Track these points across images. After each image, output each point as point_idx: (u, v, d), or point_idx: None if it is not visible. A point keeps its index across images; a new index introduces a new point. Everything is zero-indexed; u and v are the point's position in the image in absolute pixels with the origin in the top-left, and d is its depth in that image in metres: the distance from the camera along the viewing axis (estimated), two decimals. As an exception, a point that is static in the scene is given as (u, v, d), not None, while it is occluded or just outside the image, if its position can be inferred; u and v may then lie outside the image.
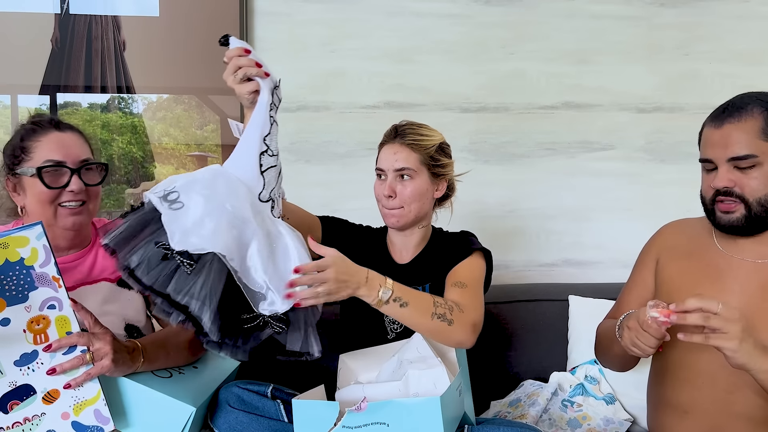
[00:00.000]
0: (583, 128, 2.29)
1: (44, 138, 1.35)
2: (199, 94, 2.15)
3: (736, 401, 1.28)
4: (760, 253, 1.31)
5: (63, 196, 1.34)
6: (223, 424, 1.30)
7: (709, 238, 1.39)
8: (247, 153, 1.27)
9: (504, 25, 2.24)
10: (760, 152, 1.24)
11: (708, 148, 1.30)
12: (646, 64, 2.29)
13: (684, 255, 1.41)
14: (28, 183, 1.33)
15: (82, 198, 1.35)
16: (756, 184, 1.25)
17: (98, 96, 2.12)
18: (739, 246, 1.33)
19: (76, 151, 1.36)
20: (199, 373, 1.40)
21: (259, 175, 1.26)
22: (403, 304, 1.29)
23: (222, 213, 1.19)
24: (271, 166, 1.28)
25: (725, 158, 1.26)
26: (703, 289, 1.33)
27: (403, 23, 2.21)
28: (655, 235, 1.52)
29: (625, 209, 2.29)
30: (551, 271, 2.29)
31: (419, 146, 1.48)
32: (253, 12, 2.16)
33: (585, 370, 1.87)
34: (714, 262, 1.35)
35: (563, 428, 1.72)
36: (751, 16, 2.30)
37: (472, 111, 2.25)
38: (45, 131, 1.36)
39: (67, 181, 1.33)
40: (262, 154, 1.27)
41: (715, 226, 1.35)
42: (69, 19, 2.08)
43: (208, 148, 2.18)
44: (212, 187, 1.22)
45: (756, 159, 1.24)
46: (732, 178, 1.27)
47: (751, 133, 1.24)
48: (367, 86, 2.21)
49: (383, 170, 1.50)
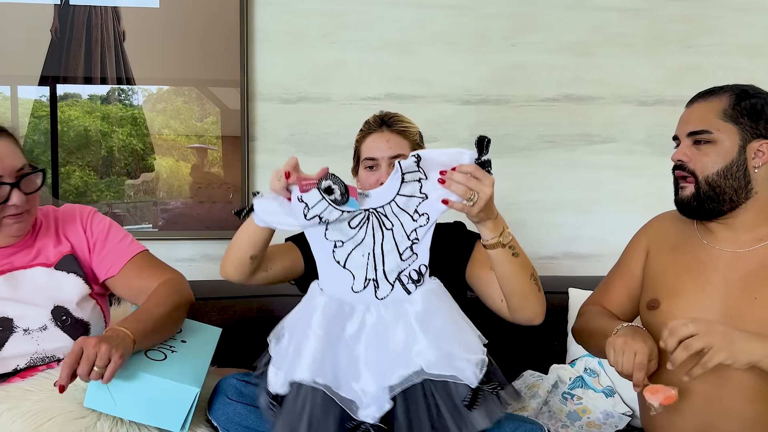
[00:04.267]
0: (584, 121, 2.28)
1: None
2: (200, 86, 2.15)
3: (725, 396, 1.28)
4: (736, 241, 1.32)
5: (5, 210, 1.31)
6: (222, 415, 1.30)
7: (692, 230, 1.40)
8: (321, 261, 1.24)
9: (505, 16, 2.23)
10: (715, 129, 1.28)
11: (677, 126, 1.36)
12: (648, 56, 2.28)
13: (670, 249, 1.41)
14: None
15: (24, 208, 1.33)
16: (707, 161, 1.29)
17: (98, 87, 2.11)
18: (716, 236, 1.35)
19: (11, 162, 1.30)
20: (189, 347, 1.39)
21: (342, 270, 1.23)
22: (515, 254, 1.26)
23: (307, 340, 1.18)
24: (348, 253, 1.22)
25: (685, 133, 1.32)
26: (684, 284, 1.34)
27: (404, 14, 2.20)
28: (645, 226, 1.52)
29: (626, 202, 2.28)
30: (551, 264, 2.28)
31: (408, 133, 1.48)
32: (253, 2, 2.15)
33: (584, 362, 1.87)
34: (696, 254, 1.36)
35: (563, 421, 1.72)
36: (754, 8, 2.29)
37: (472, 103, 2.25)
38: None
39: (7, 195, 1.29)
40: (333, 251, 1.23)
41: (676, 206, 1.37)
42: (68, 10, 2.07)
43: (208, 140, 2.17)
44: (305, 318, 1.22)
45: (711, 135, 1.28)
46: (687, 152, 1.32)
47: (713, 111, 1.29)
48: (368, 78, 2.20)
49: (375, 159, 1.46)
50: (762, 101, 1.28)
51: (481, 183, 1.15)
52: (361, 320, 1.21)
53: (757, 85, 1.33)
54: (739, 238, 1.33)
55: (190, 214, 2.17)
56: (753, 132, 1.27)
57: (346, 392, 1.17)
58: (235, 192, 2.16)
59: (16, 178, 1.31)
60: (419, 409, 1.15)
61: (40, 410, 1.23)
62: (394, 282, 1.23)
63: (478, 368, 1.16)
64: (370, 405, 1.15)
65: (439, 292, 1.24)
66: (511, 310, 1.35)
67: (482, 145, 1.16)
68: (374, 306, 1.22)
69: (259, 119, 2.18)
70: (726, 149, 1.28)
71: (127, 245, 1.48)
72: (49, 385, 1.26)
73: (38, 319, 1.36)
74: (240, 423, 1.29)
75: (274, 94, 2.18)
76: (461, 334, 1.20)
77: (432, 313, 1.20)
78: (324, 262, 1.24)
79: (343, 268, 1.23)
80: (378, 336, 1.20)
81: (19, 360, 1.34)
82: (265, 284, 1.45)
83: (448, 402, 1.14)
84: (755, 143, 1.27)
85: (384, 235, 1.22)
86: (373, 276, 1.23)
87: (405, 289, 1.23)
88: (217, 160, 2.17)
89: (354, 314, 1.22)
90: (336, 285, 1.23)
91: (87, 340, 1.17)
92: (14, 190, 1.30)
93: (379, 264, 1.22)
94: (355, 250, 1.23)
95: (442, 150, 1.18)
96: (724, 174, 1.28)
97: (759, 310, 1.26)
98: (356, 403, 1.16)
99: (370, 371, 1.18)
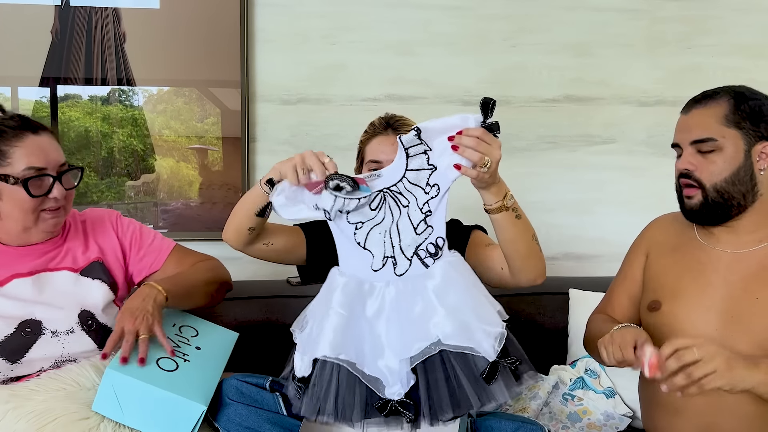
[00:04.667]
0: (585, 121, 2.28)
1: (22, 143, 1.32)
2: (200, 87, 2.15)
3: (726, 397, 1.27)
4: (737, 243, 1.32)
5: (45, 203, 1.35)
6: (222, 416, 1.30)
7: (691, 231, 1.40)
8: (342, 244, 1.25)
9: (505, 17, 2.23)
10: (720, 136, 1.26)
11: (676, 134, 1.34)
12: (648, 57, 2.28)
13: (670, 250, 1.41)
14: (6, 189, 1.32)
15: (61, 203, 1.37)
16: (714, 168, 1.27)
17: (99, 88, 2.11)
18: (717, 237, 1.34)
19: (55, 156, 1.36)
20: (203, 355, 1.39)
21: (362, 251, 1.23)
22: (518, 216, 1.26)
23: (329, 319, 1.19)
24: (367, 233, 1.23)
25: (688, 141, 1.30)
26: (685, 285, 1.34)
27: (405, 15, 2.20)
28: (644, 229, 1.52)
29: (626, 203, 2.28)
30: (552, 265, 2.27)
31: None
32: (253, 4, 2.15)
33: (585, 363, 1.87)
34: (696, 256, 1.35)
35: (563, 422, 1.72)
36: (754, 9, 2.29)
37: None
38: (21, 135, 1.33)
39: (50, 188, 1.33)
40: (355, 234, 1.23)
41: (683, 213, 1.36)
42: (69, 11, 2.08)
43: (208, 141, 2.17)
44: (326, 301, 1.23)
45: (716, 143, 1.26)
46: (693, 161, 1.30)
47: (714, 117, 1.27)
48: (368, 79, 2.20)
49: (380, 162, 1.45)
50: (759, 102, 1.28)
51: (491, 147, 1.15)
52: (381, 297, 1.21)
53: (756, 85, 1.33)
54: (739, 240, 1.32)
55: (190, 215, 2.17)
56: (755, 135, 1.26)
57: (371, 370, 1.16)
58: (236, 193, 2.16)
59: (58, 172, 1.35)
60: (439, 380, 1.14)
61: (45, 410, 1.23)
62: (411, 257, 1.23)
63: (496, 341, 1.15)
64: (395, 383, 1.15)
65: (458, 265, 1.23)
66: (514, 273, 1.34)
67: (487, 108, 1.16)
68: (393, 283, 1.22)
69: (260, 120, 2.18)
70: (732, 155, 1.27)
71: (160, 241, 1.55)
72: (54, 386, 1.27)
73: (66, 322, 1.38)
74: (240, 423, 1.29)
75: (275, 95, 2.18)
76: (479, 306, 1.19)
77: (450, 285, 1.19)
78: (345, 245, 1.24)
79: (363, 248, 1.23)
80: (399, 312, 1.20)
81: (44, 362, 1.35)
82: (263, 258, 1.47)
83: (467, 372, 1.13)
84: (759, 146, 1.27)
85: (401, 212, 1.23)
86: (390, 253, 1.23)
87: (423, 263, 1.22)
88: (218, 161, 2.17)
89: (374, 292, 1.22)
90: (356, 265, 1.23)
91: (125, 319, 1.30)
92: (56, 183, 1.34)
93: (396, 240, 1.22)
94: (374, 230, 1.23)
95: (443, 119, 1.18)
96: (732, 180, 1.27)
97: (760, 310, 1.26)
98: (382, 382, 1.16)
99: (391, 348, 1.18)
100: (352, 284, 1.22)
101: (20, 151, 1.31)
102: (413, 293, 1.20)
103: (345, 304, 1.19)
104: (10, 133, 1.32)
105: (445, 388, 1.13)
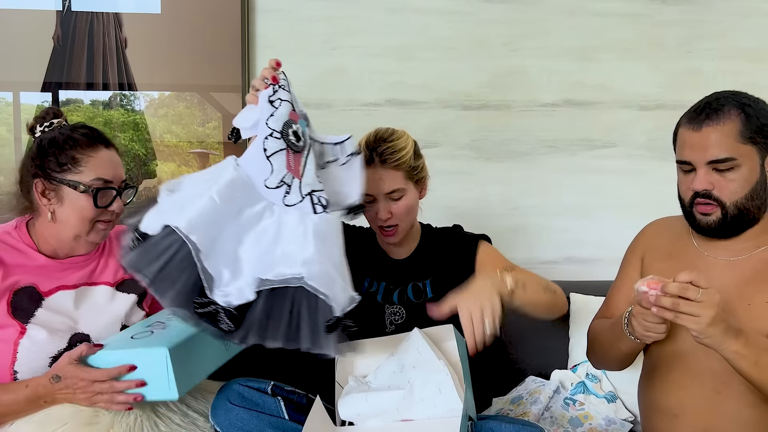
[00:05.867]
0: (585, 126, 2.28)
1: (96, 154, 1.38)
2: (201, 91, 2.15)
3: (725, 401, 1.27)
4: (734, 250, 1.33)
5: (103, 215, 1.39)
6: (224, 420, 1.30)
7: (688, 237, 1.40)
8: (253, 144, 1.26)
9: (505, 22, 2.24)
10: (738, 155, 1.25)
11: (686, 150, 1.30)
12: (648, 61, 2.28)
13: (665, 256, 1.41)
14: (71, 195, 1.36)
15: (115, 217, 1.42)
16: (734, 187, 1.26)
17: (100, 93, 2.12)
18: (715, 245, 1.34)
19: (120, 171, 1.42)
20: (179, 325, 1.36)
21: (265, 161, 1.22)
22: (525, 287, 1.28)
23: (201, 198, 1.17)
24: (278, 149, 1.23)
25: (704, 161, 1.27)
26: None
27: (404, 20, 2.21)
28: (639, 234, 1.52)
29: (627, 207, 2.28)
30: (552, 269, 2.28)
31: (400, 164, 1.46)
32: (254, 9, 2.16)
33: (586, 368, 1.87)
34: (693, 262, 1.35)
35: (565, 426, 1.72)
36: (754, 13, 2.29)
37: (473, 108, 2.25)
38: (95, 146, 1.38)
39: (111, 201, 1.38)
40: (266, 139, 1.23)
41: (694, 228, 1.35)
42: (71, 16, 2.08)
43: (210, 146, 2.18)
44: (208, 181, 1.21)
45: (735, 162, 1.25)
46: (711, 180, 1.27)
47: (730, 135, 1.25)
48: (369, 84, 2.21)
49: (372, 196, 1.46)
50: (765, 112, 1.27)
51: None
52: (260, 212, 1.21)
53: (756, 89, 1.33)
54: (736, 247, 1.33)
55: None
56: (766, 147, 1.27)
57: (212, 268, 1.14)
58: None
59: (119, 187, 1.41)
60: (282, 311, 1.13)
61: (54, 416, 1.24)
62: (305, 196, 1.23)
63: (348, 302, 1.18)
64: (230, 292, 1.13)
65: (338, 228, 1.25)
66: (540, 318, 1.39)
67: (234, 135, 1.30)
68: (279, 208, 1.22)
69: (261, 125, 2.19)
70: (749, 171, 1.26)
71: None
72: None
73: (108, 336, 1.37)
74: (242, 428, 1.29)
75: (276, 100, 2.19)
76: (343, 267, 1.22)
77: (328, 236, 1.21)
78: (254, 147, 1.24)
79: (267, 159, 1.22)
80: (270, 233, 1.19)
81: None
82: None
83: (311, 317, 1.14)
84: None
85: (312, 153, 1.27)
86: (289, 181, 1.23)
87: (313, 207, 1.23)
88: (219, 166, 2.18)
89: (257, 204, 1.21)
90: (252, 173, 1.23)
91: None
92: (117, 197, 1.40)
93: (299, 171, 1.24)
94: (284, 151, 1.23)
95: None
96: (750, 196, 1.27)
97: (753, 316, 1.26)
98: (215, 282, 1.14)
99: (248, 259, 1.17)
100: (240, 183, 1.21)
101: (93, 162, 1.37)
102: (294, 224, 1.20)
103: (224, 197, 1.18)
104: (85, 142, 1.38)
105: (285, 322, 1.13)
